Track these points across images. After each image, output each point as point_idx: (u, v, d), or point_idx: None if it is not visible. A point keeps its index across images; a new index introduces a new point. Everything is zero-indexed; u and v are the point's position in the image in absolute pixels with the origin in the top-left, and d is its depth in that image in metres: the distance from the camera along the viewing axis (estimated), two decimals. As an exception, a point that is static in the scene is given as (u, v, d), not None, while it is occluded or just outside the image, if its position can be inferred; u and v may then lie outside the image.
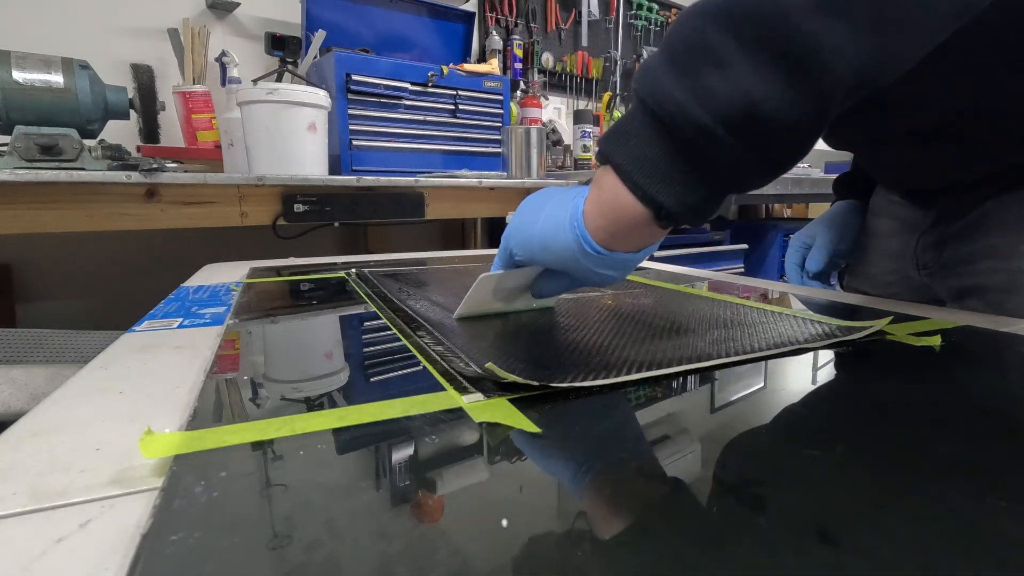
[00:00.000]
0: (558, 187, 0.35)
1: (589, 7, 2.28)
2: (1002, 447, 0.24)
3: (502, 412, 0.27)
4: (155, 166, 1.00)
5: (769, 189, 1.68)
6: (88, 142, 0.99)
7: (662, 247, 1.91)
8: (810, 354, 0.37)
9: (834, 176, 0.75)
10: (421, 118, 1.46)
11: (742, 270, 2.24)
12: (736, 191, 0.32)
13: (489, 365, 0.30)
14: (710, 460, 0.23)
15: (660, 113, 0.30)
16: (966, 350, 0.40)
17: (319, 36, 1.37)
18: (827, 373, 0.35)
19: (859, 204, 0.71)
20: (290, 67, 1.42)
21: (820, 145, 0.39)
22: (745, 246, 2.27)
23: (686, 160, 0.31)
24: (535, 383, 0.29)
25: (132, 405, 0.29)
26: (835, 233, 0.69)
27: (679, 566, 0.16)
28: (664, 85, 0.29)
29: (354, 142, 1.37)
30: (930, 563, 0.16)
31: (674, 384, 0.32)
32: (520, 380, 0.29)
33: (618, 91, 2.43)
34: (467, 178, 1.36)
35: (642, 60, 0.39)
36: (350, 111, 1.35)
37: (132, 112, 1.08)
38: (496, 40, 2.02)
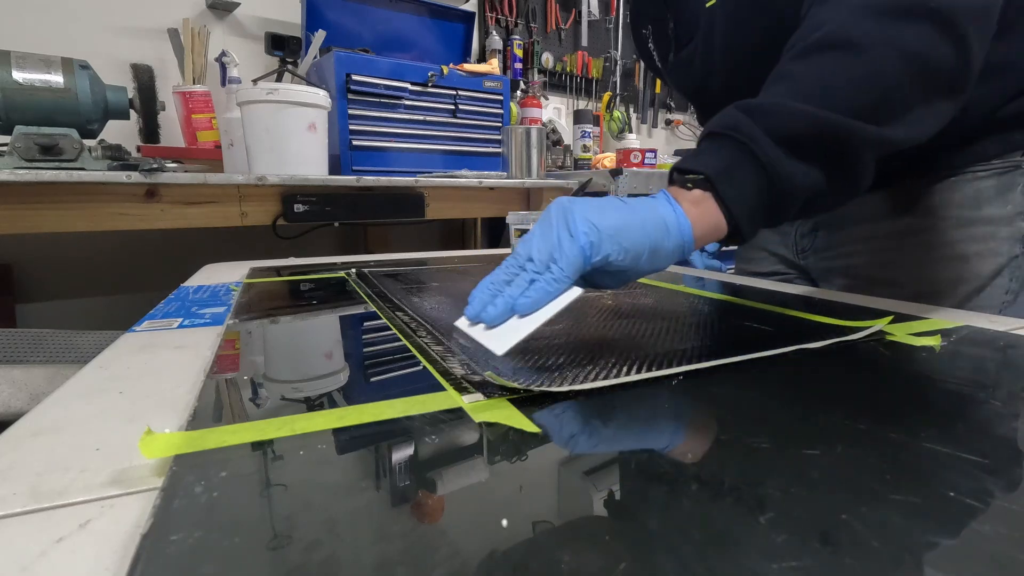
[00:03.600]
0: (612, 198, 0.38)
1: (589, 7, 2.28)
2: (1002, 447, 0.24)
3: (502, 412, 0.27)
4: (155, 166, 1.00)
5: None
6: (88, 142, 0.99)
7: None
8: (810, 354, 0.37)
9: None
10: (421, 118, 1.45)
11: (742, 270, 2.24)
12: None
13: (488, 374, 0.30)
14: (710, 460, 0.23)
15: (776, 182, 0.39)
16: (966, 350, 0.40)
17: (319, 36, 1.37)
18: (827, 373, 0.35)
19: None
20: (290, 67, 1.42)
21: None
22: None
23: (771, 216, 0.41)
24: (535, 388, 0.29)
25: (132, 405, 0.29)
26: None
27: (679, 566, 0.16)
28: (785, 164, 0.39)
29: (354, 142, 1.36)
30: (929, 563, 0.16)
31: (674, 384, 0.32)
32: (520, 386, 0.29)
33: (618, 91, 2.43)
34: (467, 178, 1.36)
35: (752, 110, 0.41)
36: (350, 111, 1.34)
37: (132, 112, 1.08)
38: (496, 40, 2.02)
